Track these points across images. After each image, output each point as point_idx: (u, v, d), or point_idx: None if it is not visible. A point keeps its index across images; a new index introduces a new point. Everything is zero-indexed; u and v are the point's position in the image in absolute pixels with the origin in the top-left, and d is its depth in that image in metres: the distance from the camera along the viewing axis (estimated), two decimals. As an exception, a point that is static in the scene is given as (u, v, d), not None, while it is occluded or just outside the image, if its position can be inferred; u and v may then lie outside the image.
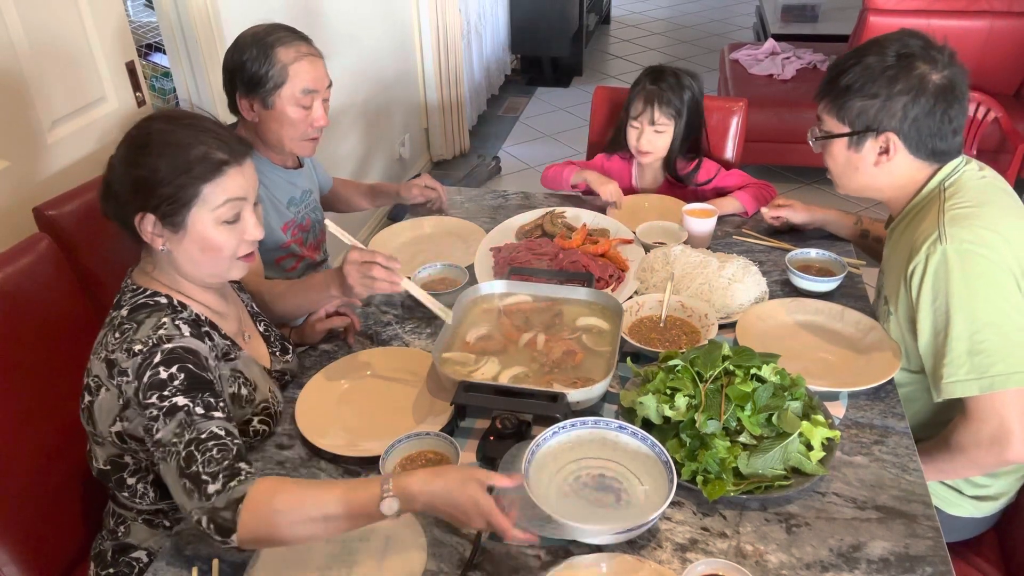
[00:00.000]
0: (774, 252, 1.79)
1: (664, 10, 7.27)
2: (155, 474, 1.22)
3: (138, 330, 1.12)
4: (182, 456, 1.03)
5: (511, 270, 1.63)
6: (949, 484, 1.45)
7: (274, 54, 1.60)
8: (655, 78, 2.00)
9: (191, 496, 1.01)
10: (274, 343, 1.44)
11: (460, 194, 2.15)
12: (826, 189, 3.92)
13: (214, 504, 0.99)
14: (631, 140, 2.03)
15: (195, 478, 1.01)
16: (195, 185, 1.13)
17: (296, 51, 1.62)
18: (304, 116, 1.65)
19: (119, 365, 1.10)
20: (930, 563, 1.05)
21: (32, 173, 1.69)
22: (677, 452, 1.18)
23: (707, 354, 1.24)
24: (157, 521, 1.30)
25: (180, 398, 1.06)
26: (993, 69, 3.48)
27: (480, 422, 1.33)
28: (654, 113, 1.96)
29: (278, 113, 1.63)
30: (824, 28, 4.94)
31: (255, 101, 1.64)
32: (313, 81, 1.63)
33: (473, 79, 4.58)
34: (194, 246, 1.17)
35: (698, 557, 1.07)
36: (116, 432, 1.15)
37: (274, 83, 1.61)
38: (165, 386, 1.07)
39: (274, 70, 1.60)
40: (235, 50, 1.63)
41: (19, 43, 1.63)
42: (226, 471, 1.01)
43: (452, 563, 1.08)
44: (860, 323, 1.50)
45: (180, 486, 1.02)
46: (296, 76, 1.61)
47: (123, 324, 1.14)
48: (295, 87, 1.62)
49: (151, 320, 1.14)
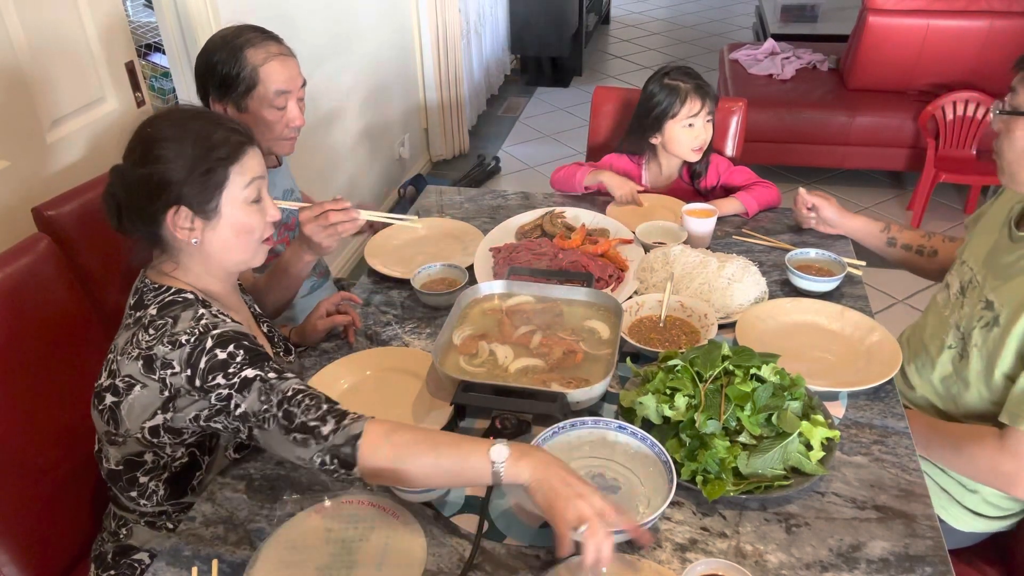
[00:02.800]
0: (774, 252, 1.79)
1: (664, 10, 7.28)
2: (171, 472, 1.22)
3: (176, 323, 1.12)
4: (279, 417, 1.07)
5: (511, 270, 1.63)
6: (970, 508, 1.43)
7: (243, 56, 1.58)
8: (687, 74, 2.01)
9: (307, 445, 1.06)
10: (278, 344, 1.44)
11: (460, 194, 2.15)
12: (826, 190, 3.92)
13: (333, 442, 1.05)
14: (687, 141, 2.00)
15: (304, 428, 1.06)
16: (224, 167, 1.16)
17: (266, 52, 1.60)
18: (279, 117, 1.63)
19: (162, 358, 1.10)
20: (930, 563, 1.05)
21: (31, 173, 1.69)
22: (677, 452, 1.18)
23: (707, 354, 1.24)
24: (159, 523, 1.30)
25: (248, 371, 1.10)
26: (993, 69, 3.49)
27: (480, 422, 1.33)
28: (710, 105, 1.98)
29: (252, 116, 1.61)
30: (824, 28, 4.94)
31: (228, 105, 1.62)
32: (285, 82, 1.61)
33: (473, 79, 4.58)
34: (229, 230, 1.19)
35: (698, 557, 1.07)
36: (150, 428, 1.15)
37: (246, 86, 1.59)
38: (228, 365, 1.09)
39: (244, 72, 1.58)
40: (205, 53, 1.61)
41: (19, 43, 1.63)
42: (332, 414, 1.07)
43: (452, 563, 1.08)
44: (860, 323, 1.50)
45: (290, 441, 1.07)
46: (268, 78, 1.59)
47: (155, 321, 1.14)
48: (267, 89, 1.60)
49: (187, 313, 1.14)
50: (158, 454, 1.20)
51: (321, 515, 1.15)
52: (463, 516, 1.15)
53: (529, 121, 4.95)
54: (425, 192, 2.19)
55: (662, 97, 1.99)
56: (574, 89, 5.42)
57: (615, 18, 7.03)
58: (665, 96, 1.99)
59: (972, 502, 1.43)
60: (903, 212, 3.76)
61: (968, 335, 1.39)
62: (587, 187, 2.06)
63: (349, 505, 1.17)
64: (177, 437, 1.17)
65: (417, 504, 1.17)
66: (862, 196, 3.91)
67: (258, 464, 1.26)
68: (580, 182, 2.05)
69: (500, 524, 1.14)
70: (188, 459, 1.23)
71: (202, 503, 1.20)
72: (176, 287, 1.20)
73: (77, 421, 1.22)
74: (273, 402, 1.08)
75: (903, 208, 3.79)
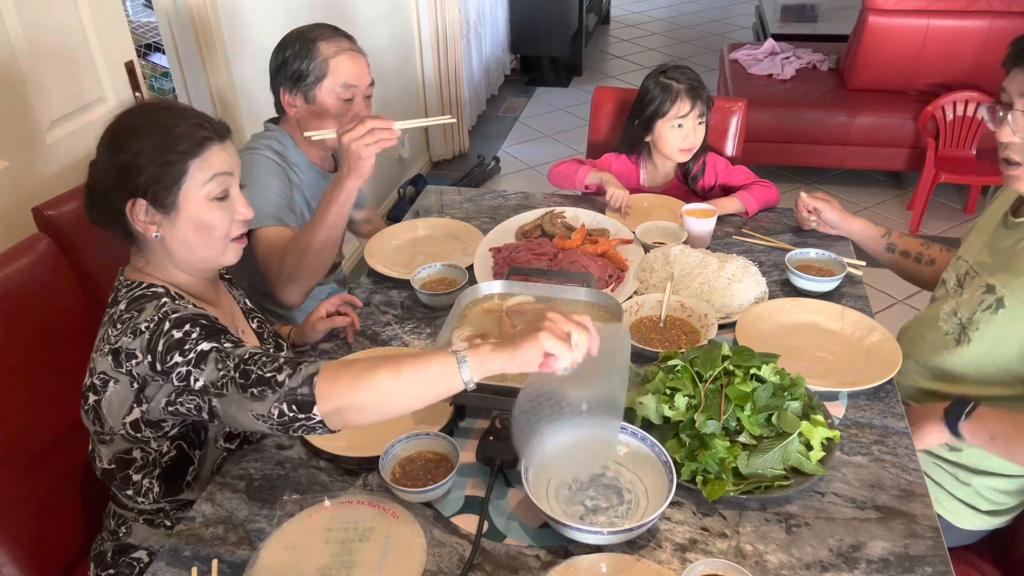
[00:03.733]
0: (774, 252, 1.79)
1: (663, 10, 7.27)
2: (162, 467, 1.23)
3: (140, 315, 1.12)
4: (236, 378, 1.04)
5: (511, 270, 1.63)
6: (964, 501, 1.44)
7: (316, 48, 1.65)
8: (681, 74, 2.00)
9: (264, 397, 1.02)
10: (267, 340, 1.44)
11: (459, 194, 2.15)
12: (826, 190, 3.92)
13: (289, 386, 1.01)
14: (675, 142, 2.00)
15: (261, 381, 1.03)
16: (182, 162, 1.14)
17: (337, 46, 1.66)
18: (345, 110, 1.68)
19: (126, 349, 1.10)
20: (930, 563, 1.05)
21: (31, 173, 1.69)
22: (677, 452, 1.18)
23: (707, 354, 1.24)
24: (158, 521, 1.30)
25: (204, 344, 1.08)
26: (993, 69, 3.46)
27: (480, 422, 1.33)
28: (701, 107, 1.97)
29: (319, 107, 1.67)
30: (823, 28, 4.94)
31: (297, 96, 1.68)
32: (354, 76, 1.67)
33: (472, 79, 4.58)
34: (188, 226, 1.17)
35: (698, 557, 1.07)
36: (131, 423, 1.15)
37: (315, 77, 1.65)
38: (184, 342, 1.08)
39: (315, 64, 1.65)
40: (280, 47, 1.69)
41: (18, 43, 1.63)
42: (288, 363, 1.04)
43: (452, 563, 1.08)
44: (860, 323, 1.50)
45: (247, 399, 1.03)
46: (337, 70, 1.65)
47: (123, 316, 1.14)
48: (336, 81, 1.66)
49: (152, 304, 1.14)
50: (145, 450, 1.21)
51: (321, 515, 1.15)
52: (463, 516, 1.15)
53: (529, 121, 4.94)
54: (425, 192, 2.19)
55: (655, 95, 2.00)
56: (574, 89, 5.41)
57: (615, 18, 7.03)
58: (658, 94, 1.99)
59: (965, 494, 1.44)
60: (903, 212, 3.75)
61: (969, 321, 1.42)
62: (588, 186, 2.05)
63: (349, 505, 1.17)
64: (158, 431, 1.17)
65: (417, 504, 1.17)
66: (862, 196, 3.90)
67: (258, 464, 1.26)
68: (581, 180, 2.05)
69: (500, 524, 1.14)
70: (176, 452, 1.23)
71: (202, 503, 1.20)
72: (148, 282, 1.20)
73: (77, 421, 1.22)
74: (230, 366, 1.05)
75: (903, 208, 3.79)
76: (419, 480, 1.18)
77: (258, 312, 1.48)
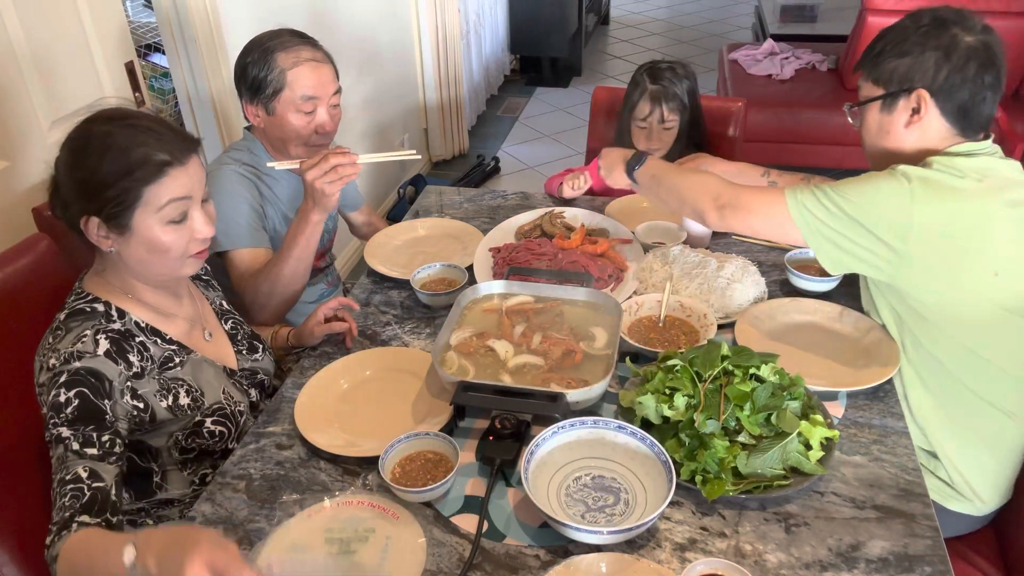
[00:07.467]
0: (773, 252, 1.79)
1: (663, 10, 7.27)
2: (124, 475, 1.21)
3: (63, 339, 1.14)
4: (55, 491, 1.06)
5: (510, 270, 1.63)
6: (941, 477, 1.43)
7: (273, 59, 1.59)
8: (654, 76, 1.99)
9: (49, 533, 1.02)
10: (241, 342, 1.44)
11: (459, 194, 2.15)
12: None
13: (50, 554, 1.00)
14: (639, 142, 2.02)
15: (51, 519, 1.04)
16: (137, 188, 1.12)
17: (296, 56, 1.60)
18: (306, 122, 1.63)
19: (36, 376, 1.15)
20: (929, 562, 1.06)
21: (31, 173, 1.69)
22: (676, 452, 1.18)
23: (706, 354, 1.24)
24: (140, 521, 1.30)
25: (64, 429, 1.08)
26: (992, 69, 3.48)
27: (479, 422, 1.33)
28: (663, 111, 1.97)
29: (279, 119, 1.63)
30: (823, 28, 4.93)
31: (259, 107, 1.63)
32: (313, 87, 1.61)
33: (472, 79, 4.58)
34: (141, 247, 1.17)
35: (697, 557, 1.07)
36: None
37: (273, 88, 1.60)
38: (60, 411, 1.09)
39: (273, 75, 1.59)
40: (241, 55, 1.64)
41: (18, 43, 1.63)
42: (64, 522, 1.02)
43: (452, 563, 1.08)
44: (859, 323, 1.50)
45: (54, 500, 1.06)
46: (295, 82, 1.60)
47: (57, 329, 1.17)
48: (294, 93, 1.60)
49: (79, 328, 1.16)
50: None
51: (321, 515, 1.15)
52: (463, 516, 1.15)
53: (529, 121, 4.95)
54: (425, 192, 2.19)
55: (629, 90, 2.01)
56: (573, 89, 5.41)
57: (615, 18, 7.03)
58: (631, 90, 2.01)
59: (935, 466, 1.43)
60: (902, 212, 3.75)
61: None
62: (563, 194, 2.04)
63: (349, 505, 1.17)
64: None
65: (417, 504, 1.17)
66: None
67: (258, 464, 1.26)
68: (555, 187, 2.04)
69: (500, 524, 1.14)
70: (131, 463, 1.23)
71: (202, 503, 1.20)
72: (95, 294, 1.21)
73: (77, 421, 1.23)
74: (57, 476, 1.06)
75: (902, 208, 3.78)
76: (419, 480, 1.18)
77: (235, 314, 1.49)
